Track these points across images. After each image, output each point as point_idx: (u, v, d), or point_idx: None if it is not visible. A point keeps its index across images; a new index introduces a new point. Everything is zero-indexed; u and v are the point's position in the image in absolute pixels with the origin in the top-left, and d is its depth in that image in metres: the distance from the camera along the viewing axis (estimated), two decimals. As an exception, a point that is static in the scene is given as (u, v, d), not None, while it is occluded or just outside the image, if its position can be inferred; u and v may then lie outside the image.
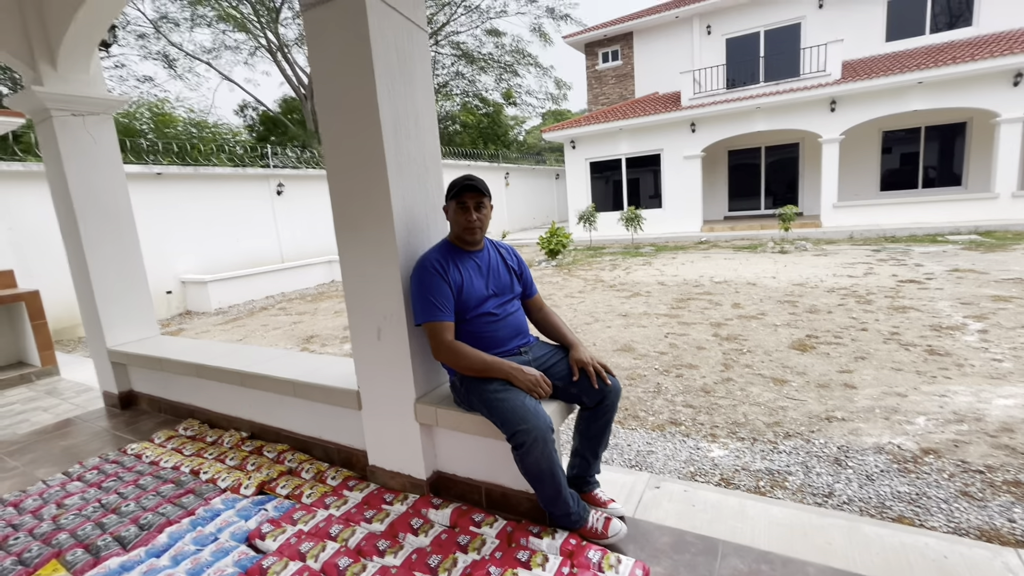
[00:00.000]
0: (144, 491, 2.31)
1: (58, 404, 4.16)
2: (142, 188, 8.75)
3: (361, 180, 1.89)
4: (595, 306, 6.70)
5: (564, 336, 1.93)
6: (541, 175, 23.09)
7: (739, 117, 12.86)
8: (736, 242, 12.10)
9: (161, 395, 3.39)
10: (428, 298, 1.74)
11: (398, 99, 1.85)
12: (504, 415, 1.60)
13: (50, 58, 3.17)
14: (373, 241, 1.91)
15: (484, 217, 1.82)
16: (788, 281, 7.26)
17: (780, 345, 4.55)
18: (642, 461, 2.82)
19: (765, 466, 2.65)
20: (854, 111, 11.59)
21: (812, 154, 13.83)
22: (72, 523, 2.09)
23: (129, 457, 2.71)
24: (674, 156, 13.83)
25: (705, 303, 6.36)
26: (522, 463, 1.61)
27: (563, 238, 11.03)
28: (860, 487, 2.40)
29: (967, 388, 3.37)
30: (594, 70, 17.38)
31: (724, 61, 14.51)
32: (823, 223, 12.22)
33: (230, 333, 7.20)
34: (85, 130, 3.30)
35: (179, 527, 1.99)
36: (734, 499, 2.12)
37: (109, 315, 3.46)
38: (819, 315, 5.39)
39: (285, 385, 2.43)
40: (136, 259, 3.60)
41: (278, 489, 2.23)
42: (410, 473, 2.08)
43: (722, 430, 3.10)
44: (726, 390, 3.68)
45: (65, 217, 3.38)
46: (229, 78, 21.71)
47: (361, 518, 1.93)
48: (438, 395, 2.02)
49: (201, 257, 9.72)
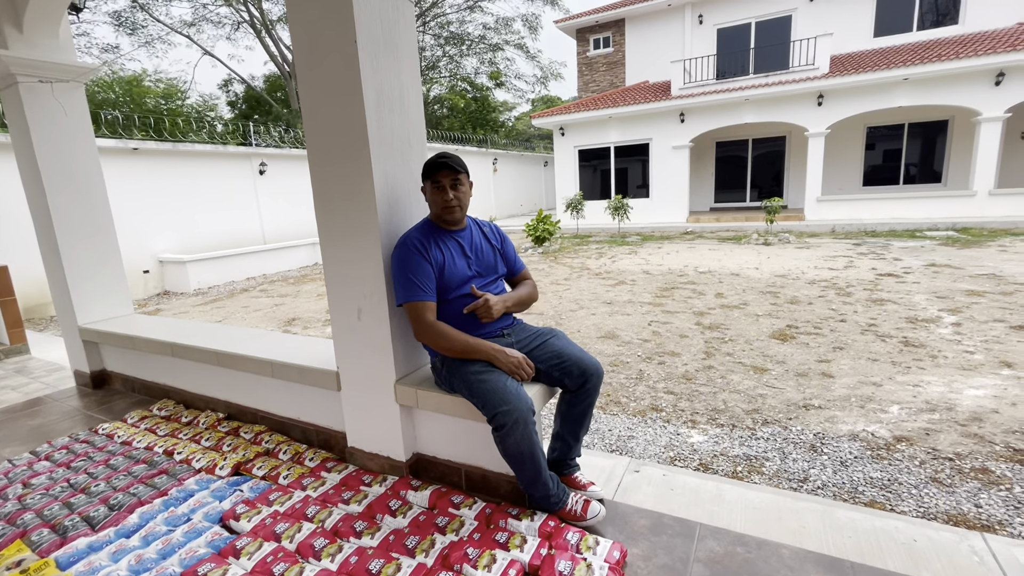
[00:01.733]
0: (115, 471, 2.25)
1: (27, 383, 4.04)
2: (117, 163, 8.47)
3: (342, 154, 1.83)
4: (580, 293, 6.71)
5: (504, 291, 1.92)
6: (529, 162, 22.95)
7: (728, 108, 12.88)
8: (721, 233, 12.20)
9: (135, 375, 3.30)
10: (409, 278, 1.70)
11: (382, 71, 1.79)
12: (485, 396, 1.58)
13: (15, 20, 3.01)
14: (354, 218, 1.86)
15: (462, 195, 1.77)
16: (771, 272, 7.35)
17: (761, 335, 4.60)
18: (623, 446, 2.84)
19: (743, 452, 2.69)
20: (841, 106, 11.69)
21: (798, 148, 13.95)
22: (38, 503, 2.02)
23: (100, 437, 2.64)
24: (663, 146, 13.83)
25: (689, 292, 6.40)
26: (502, 444, 1.59)
27: (550, 225, 11.00)
28: (834, 473, 2.45)
29: (940, 379, 3.45)
30: (585, 56, 17.22)
31: (715, 51, 14.49)
32: (807, 216, 12.38)
33: (209, 314, 7.06)
34: (54, 98, 3.15)
35: (151, 507, 1.95)
36: (712, 483, 2.14)
37: (80, 292, 3.34)
38: (800, 306, 5.47)
39: (263, 365, 2.38)
40: (109, 234, 3.48)
41: (254, 470, 2.19)
42: (389, 455, 2.06)
43: (702, 416, 3.13)
44: (707, 377, 3.72)
45: (33, 190, 3.25)
46: (211, 53, 21.04)
47: (339, 499, 1.91)
48: (419, 376, 1.99)
49: (180, 236, 9.48)
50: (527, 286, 1.97)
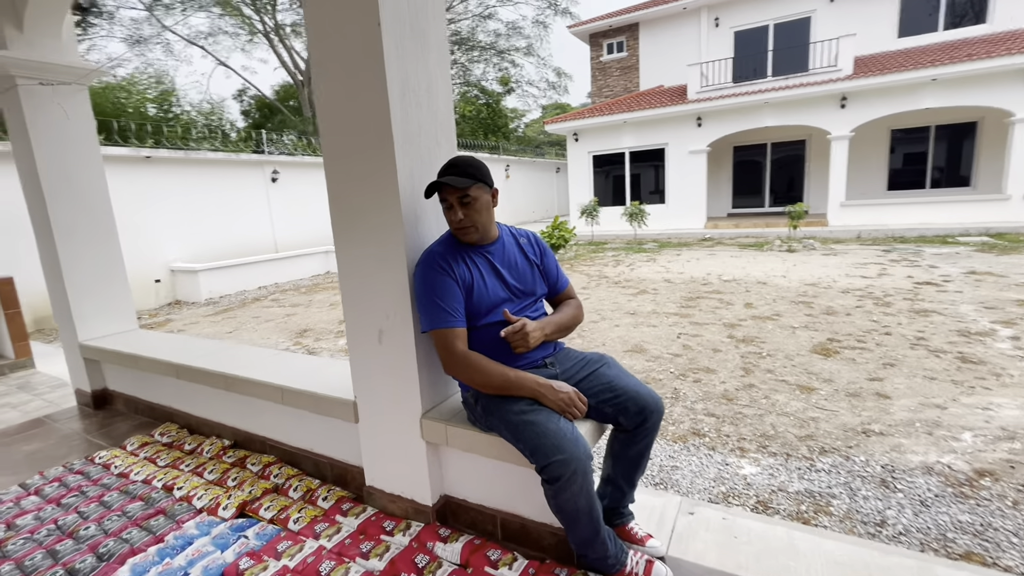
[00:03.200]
0: (109, 510, 2.02)
1: (29, 401, 3.85)
2: (130, 171, 8.38)
3: (362, 152, 1.59)
4: (601, 303, 6.43)
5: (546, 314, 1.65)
6: (542, 168, 22.74)
7: (746, 112, 12.57)
8: (741, 240, 11.85)
9: (138, 395, 3.09)
10: (435, 301, 1.45)
11: (408, 59, 1.56)
12: (535, 442, 1.33)
13: (15, 18, 2.84)
14: (375, 226, 1.63)
15: (475, 212, 1.48)
16: (800, 280, 7.02)
17: (801, 349, 4.29)
18: (667, 478, 2.56)
19: (804, 487, 2.40)
20: (865, 108, 11.33)
21: (819, 151, 13.57)
22: (20, 550, 1.80)
23: (96, 467, 2.42)
24: (679, 151, 13.53)
25: (715, 302, 6.10)
26: (555, 499, 1.33)
27: (566, 232, 10.74)
28: (915, 515, 2.15)
29: (1011, 400, 3.13)
30: (598, 61, 17.02)
31: (732, 54, 14.19)
32: (830, 222, 11.99)
33: (220, 325, 6.88)
34: (56, 102, 2.98)
35: (144, 557, 1.71)
36: (781, 530, 1.86)
37: (81, 306, 3.15)
38: (837, 317, 5.15)
39: (272, 391, 2.15)
40: (113, 246, 3.29)
41: (261, 511, 1.95)
42: (414, 498, 1.81)
43: (751, 443, 2.85)
44: (749, 397, 3.43)
45: (33, 198, 3.07)
46: (225, 63, 21.19)
47: (356, 552, 1.66)
48: (448, 409, 1.74)
49: (192, 245, 9.36)
50: (571, 307, 1.71)
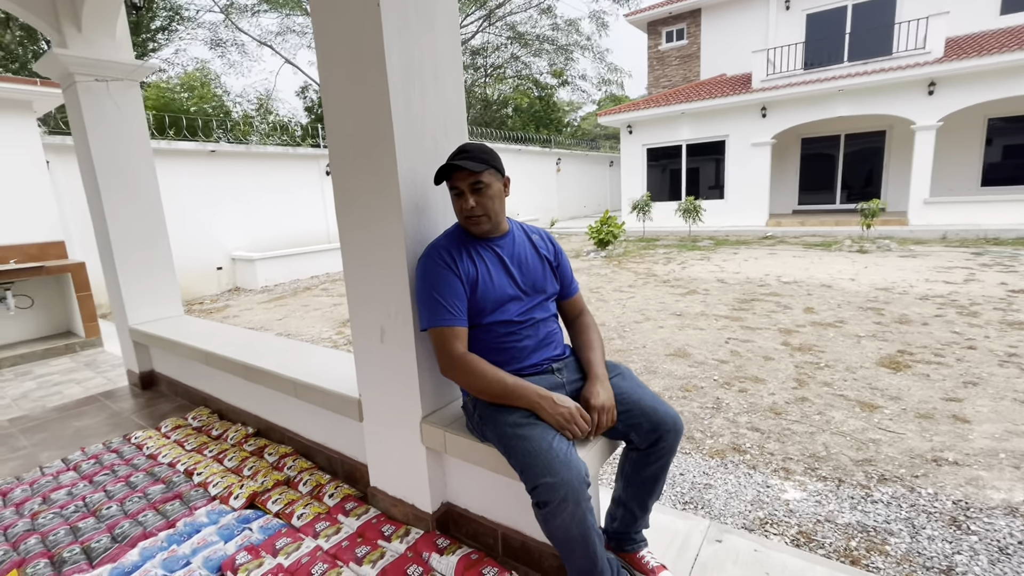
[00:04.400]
0: (132, 490, 2.09)
1: (92, 378, 4.14)
2: (197, 165, 8.91)
3: (361, 143, 1.52)
4: (646, 303, 6.15)
5: (589, 359, 1.47)
6: (594, 161, 22.27)
7: (818, 101, 11.66)
8: (806, 238, 11.05)
9: (178, 378, 3.23)
10: (434, 297, 1.36)
11: (411, 40, 1.46)
12: (524, 460, 1.21)
13: (75, 19, 3.01)
14: (375, 220, 1.55)
15: (488, 200, 1.38)
16: (870, 285, 6.41)
17: (866, 361, 3.88)
18: (697, 497, 2.36)
19: (857, 519, 2.13)
20: (957, 94, 10.19)
21: (901, 143, 12.40)
22: (48, 524, 1.89)
23: (131, 447, 2.53)
24: (740, 143, 12.78)
25: (772, 305, 5.67)
26: (546, 525, 1.20)
27: (614, 228, 10.41)
28: (991, 563, 1.84)
29: (1125, 434, 2.66)
30: (656, 50, 16.37)
31: (803, 39, 13.20)
32: (910, 220, 10.93)
33: (271, 312, 7.18)
34: (109, 96, 3.13)
35: (154, 542, 1.74)
36: (822, 569, 1.64)
37: (131, 292, 3.32)
38: (912, 327, 4.63)
39: (286, 384, 2.14)
40: (161, 236, 3.45)
41: (269, 503, 1.95)
42: (414, 503, 1.73)
43: (797, 464, 2.58)
44: (801, 412, 3.12)
45: (90, 190, 3.26)
46: (291, 61, 22.17)
47: (351, 556, 1.60)
48: (449, 414, 1.65)
49: (250, 235, 9.85)
50: (594, 328, 1.56)
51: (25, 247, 4.97)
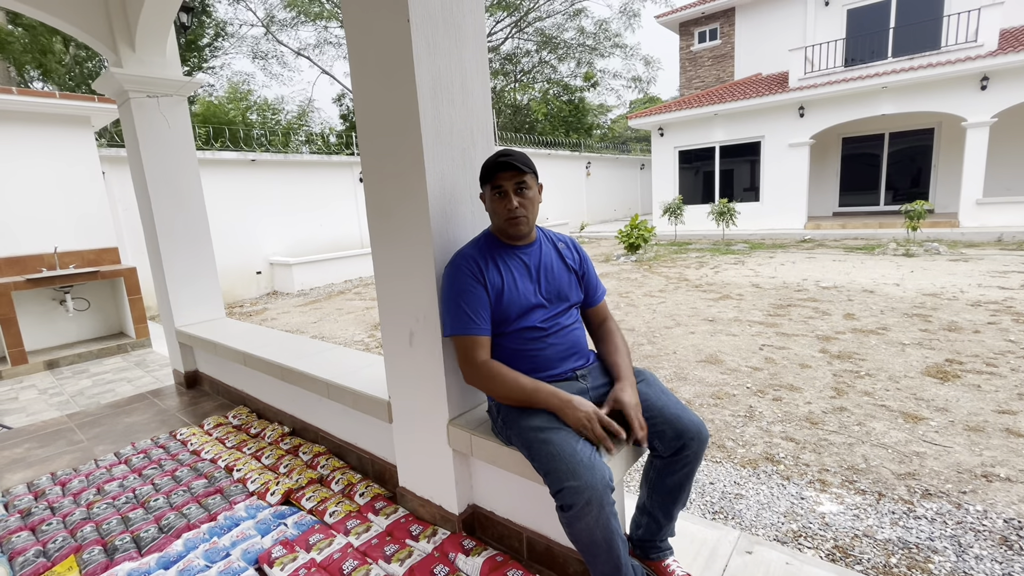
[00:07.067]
0: (178, 484, 2.21)
1: (141, 377, 4.38)
2: (238, 173, 9.30)
3: (392, 151, 1.58)
4: (677, 308, 6.06)
5: (616, 363, 1.48)
6: (624, 165, 22.04)
7: (859, 98, 11.23)
8: (848, 241, 10.64)
9: (220, 379, 3.38)
10: (460, 305, 1.39)
11: (440, 54, 1.51)
12: (548, 464, 1.22)
13: (129, 39, 3.21)
14: (405, 226, 1.60)
15: (528, 202, 1.42)
16: (916, 290, 6.12)
17: (910, 370, 3.72)
18: (728, 507, 2.31)
19: (898, 535, 2.04)
20: (1012, 89, 9.63)
21: (951, 141, 11.81)
22: (102, 513, 2.01)
23: (176, 443, 2.66)
24: (777, 144, 12.42)
25: (810, 311, 5.49)
26: (569, 528, 1.22)
27: (645, 231, 10.29)
28: (1046, 587, 1.74)
29: None
30: (688, 51, 16.12)
31: (843, 35, 12.75)
32: (961, 222, 10.38)
33: (307, 315, 7.41)
34: (159, 112, 3.32)
35: (196, 533, 1.83)
36: (858, 586, 1.59)
37: (177, 296, 3.50)
38: (962, 335, 4.40)
39: (319, 385, 2.22)
40: (205, 242, 3.62)
41: (303, 500, 2.02)
42: (441, 504, 1.77)
43: (834, 476, 2.49)
44: (839, 422, 3.02)
45: (142, 199, 3.45)
46: (327, 72, 22.87)
47: (380, 554, 1.65)
48: (475, 417, 1.68)
49: (288, 240, 10.20)
50: (619, 333, 1.58)
51: (83, 253, 5.31)
